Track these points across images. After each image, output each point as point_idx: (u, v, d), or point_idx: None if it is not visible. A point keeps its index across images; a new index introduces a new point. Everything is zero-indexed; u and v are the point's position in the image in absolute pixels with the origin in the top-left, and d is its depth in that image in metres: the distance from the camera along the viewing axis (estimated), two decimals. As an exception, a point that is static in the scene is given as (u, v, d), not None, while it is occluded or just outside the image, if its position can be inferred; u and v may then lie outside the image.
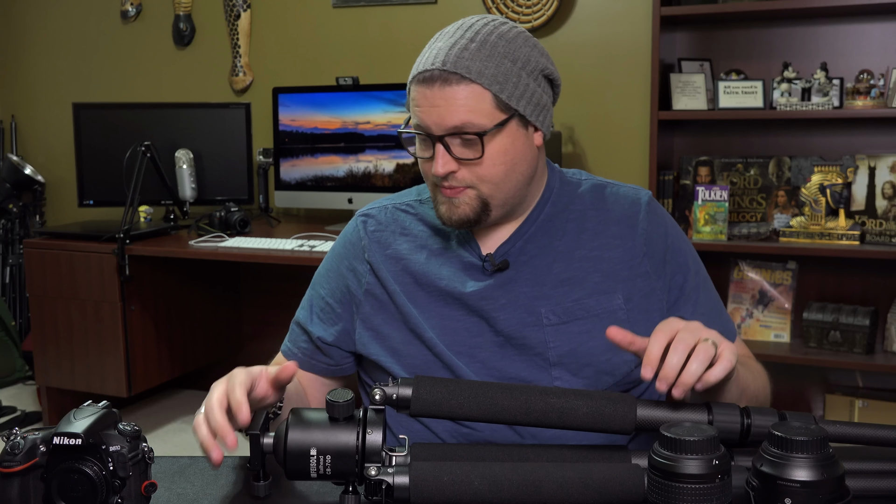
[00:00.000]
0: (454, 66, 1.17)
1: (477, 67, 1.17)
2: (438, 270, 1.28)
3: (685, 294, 1.29)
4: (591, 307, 1.24)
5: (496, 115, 1.19)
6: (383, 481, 0.93)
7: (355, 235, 1.35)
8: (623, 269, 1.26)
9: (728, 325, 1.33)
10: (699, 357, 0.98)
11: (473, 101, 1.17)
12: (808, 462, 0.83)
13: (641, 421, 1.01)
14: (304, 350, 1.36)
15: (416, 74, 1.21)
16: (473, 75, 1.17)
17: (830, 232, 2.79)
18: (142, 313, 3.31)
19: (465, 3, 3.35)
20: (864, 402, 2.88)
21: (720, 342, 1.01)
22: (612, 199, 1.31)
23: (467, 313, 1.26)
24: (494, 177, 1.21)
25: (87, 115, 3.53)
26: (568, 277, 1.26)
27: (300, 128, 3.41)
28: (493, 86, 1.18)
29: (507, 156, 1.21)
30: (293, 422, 0.96)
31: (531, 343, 1.24)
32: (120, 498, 0.93)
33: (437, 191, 1.24)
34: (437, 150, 1.19)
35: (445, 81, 1.17)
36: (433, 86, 1.18)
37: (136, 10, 3.94)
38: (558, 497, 0.93)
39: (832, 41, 2.94)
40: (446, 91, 1.17)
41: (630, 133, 3.22)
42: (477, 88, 1.17)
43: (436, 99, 1.18)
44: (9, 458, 0.92)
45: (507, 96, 1.19)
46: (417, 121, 1.21)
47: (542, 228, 1.29)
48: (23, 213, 4.10)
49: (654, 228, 1.29)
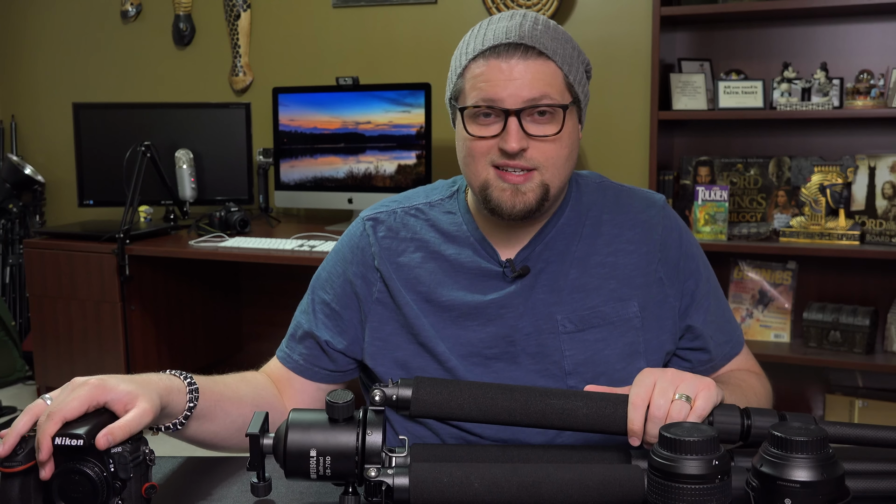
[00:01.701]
0: (532, 41, 1.15)
1: (552, 46, 1.16)
2: (454, 280, 1.24)
3: (696, 301, 1.27)
4: (607, 315, 1.23)
5: (566, 95, 1.18)
6: (383, 482, 0.93)
7: (363, 240, 1.29)
8: (638, 275, 1.24)
9: (735, 333, 1.33)
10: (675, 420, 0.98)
11: (550, 77, 1.16)
12: (808, 462, 0.83)
13: (641, 421, 1.01)
14: (305, 356, 1.30)
15: (483, 49, 1.16)
16: (550, 52, 1.16)
17: (830, 232, 2.79)
18: (142, 313, 3.31)
19: (465, 3, 3.35)
20: (864, 402, 2.88)
21: (696, 390, 1.00)
22: (627, 203, 1.29)
23: (484, 324, 1.23)
24: (560, 158, 1.18)
25: (87, 115, 3.53)
26: (584, 284, 1.23)
27: (300, 128, 3.41)
28: (564, 66, 1.17)
29: (570, 139, 1.19)
30: (293, 422, 0.96)
31: (547, 351, 1.22)
32: (120, 499, 0.93)
33: (496, 178, 1.17)
34: (510, 125, 1.14)
35: (525, 54, 1.14)
36: (511, 58, 1.14)
37: (136, 10, 3.94)
38: (558, 498, 0.93)
39: (832, 41, 2.94)
40: (524, 64, 1.14)
41: (630, 133, 3.22)
42: (552, 66, 1.16)
43: (513, 71, 1.14)
44: (10, 458, 0.92)
45: (573, 79, 1.19)
46: (485, 95, 1.15)
47: (561, 233, 1.26)
48: (23, 213, 4.10)
49: (668, 234, 1.28)
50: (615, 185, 1.32)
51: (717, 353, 1.30)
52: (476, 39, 1.18)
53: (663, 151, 3.01)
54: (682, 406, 0.98)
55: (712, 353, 1.29)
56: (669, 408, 0.99)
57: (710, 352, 1.29)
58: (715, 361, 1.30)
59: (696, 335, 1.28)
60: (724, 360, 1.31)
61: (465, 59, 1.18)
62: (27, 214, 4.13)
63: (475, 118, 1.17)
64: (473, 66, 1.17)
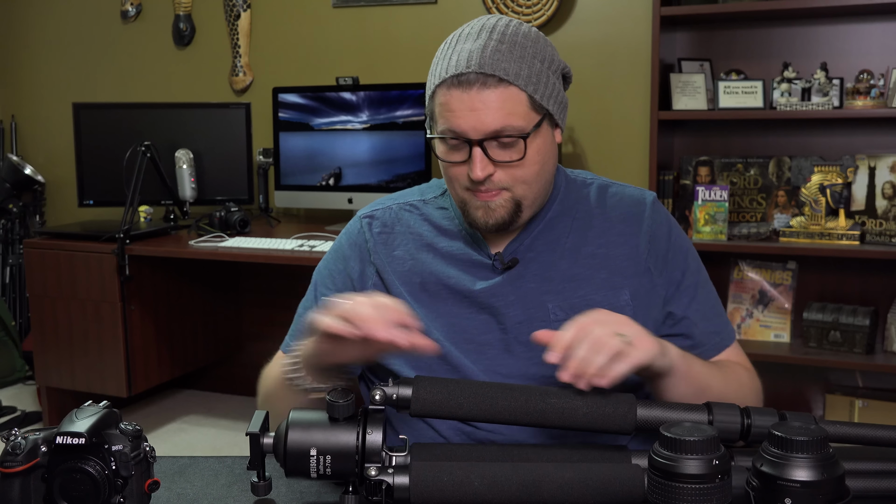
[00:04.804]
0: (492, 69, 1.15)
1: (514, 69, 1.16)
2: (446, 270, 1.28)
3: (680, 290, 1.29)
4: (598, 303, 1.24)
5: (532, 116, 1.19)
6: (383, 481, 0.93)
7: (360, 237, 1.34)
8: (629, 266, 1.27)
9: (725, 328, 1.33)
10: (603, 350, 1.01)
11: (511, 104, 1.16)
12: (808, 462, 0.83)
13: (641, 421, 1.01)
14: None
15: (446, 78, 1.17)
16: (511, 77, 1.16)
17: (830, 232, 2.79)
18: (142, 313, 3.31)
19: (465, 4, 3.35)
20: (864, 402, 2.88)
21: (639, 338, 1.03)
22: (618, 198, 1.32)
23: (477, 311, 1.26)
24: (529, 177, 1.20)
25: (87, 115, 3.53)
26: (575, 274, 1.26)
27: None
28: (528, 87, 1.17)
29: (540, 155, 1.21)
30: (293, 422, 0.96)
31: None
32: (122, 497, 0.93)
33: (469, 196, 1.22)
34: (475, 155, 1.17)
35: (483, 84, 1.15)
36: (470, 89, 1.15)
37: (136, 10, 3.94)
38: (558, 497, 0.94)
39: (832, 41, 2.94)
40: (484, 94, 1.15)
41: (630, 133, 3.22)
42: (514, 90, 1.16)
43: (473, 102, 1.16)
44: (10, 458, 0.92)
45: (540, 96, 1.19)
46: (449, 125, 1.18)
47: (550, 226, 1.29)
48: (23, 213, 4.10)
49: (657, 227, 1.30)
50: (605, 181, 1.36)
51: (706, 341, 1.30)
52: (443, 62, 1.20)
53: (663, 151, 3.01)
54: (615, 343, 1.01)
55: (696, 340, 1.29)
56: (603, 337, 1.01)
57: (694, 338, 1.29)
58: (703, 349, 1.29)
59: (675, 321, 1.29)
60: (714, 350, 1.31)
61: (433, 83, 1.21)
62: (27, 214, 4.13)
63: (444, 143, 1.21)
64: (440, 92, 1.20)
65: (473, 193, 1.21)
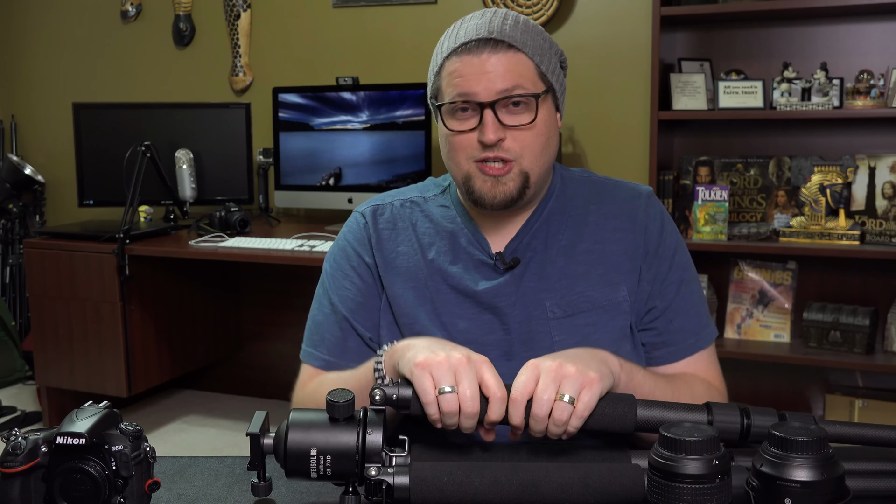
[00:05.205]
0: (500, 35, 1.20)
1: (522, 39, 1.21)
2: (448, 268, 1.28)
3: (664, 284, 1.28)
4: (596, 299, 1.25)
5: (539, 84, 1.22)
6: (383, 481, 0.93)
7: (362, 232, 1.34)
8: (626, 261, 1.27)
9: (703, 331, 1.30)
10: (557, 423, 0.98)
11: (521, 67, 1.20)
12: (807, 462, 0.83)
13: (641, 421, 1.01)
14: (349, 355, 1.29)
15: (456, 46, 1.21)
16: (519, 44, 1.20)
17: (830, 232, 2.79)
18: (142, 313, 3.31)
19: (465, 4, 3.35)
20: (864, 402, 2.88)
21: (578, 389, 0.99)
22: (613, 194, 1.33)
23: (480, 311, 1.26)
24: (537, 146, 1.22)
25: (87, 115, 3.53)
26: (571, 271, 1.27)
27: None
28: (535, 56, 1.22)
29: (547, 126, 1.23)
30: (293, 422, 0.96)
31: (538, 338, 1.24)
32: (122, 497, 0.93)
33: (476, 170, 1.22)
34: (486, 118, 1.19)
35: (494, 49, 1.19)
36: (481, 53, 1.19)
37: (136, 10, 3.94)
38: (558, 497, 0.94)
39: (832, 41, 2.94)
40: (494, 58, 1.19)
41: (630, 133, 3.22)
42: (523, 57, 1.21)
43: (485, 65, 1.19)
44: (10, 458, 0.92)
45: (545, 69, 1.23)
46: (459, 90, 1.20)
47: (546, 223, 1.29)
48: (23, 213, 4.10)
49: (651, 221, 1.30)
50: (601, 177, 1.36)
51: (678, 340, 1.28)
52: (450, 39, 1.24)
53: (663, 151, 3.01)
54: (564, 407, 0.98)
55: (667, 337, 1.27)
56: (552, 408, 0.98)
57: (666, 335, 1.27)
58: (673, 348, 1.28)
59: (654, 315, 1.28)
60: (685, 351, 1.28)
61: (440, 58, 1.24)
62: (27, 214, 4.13)
63: (453, 114, 1.22)
64: (448, 63, 1.22)
65: (482, 167, 1.21)
